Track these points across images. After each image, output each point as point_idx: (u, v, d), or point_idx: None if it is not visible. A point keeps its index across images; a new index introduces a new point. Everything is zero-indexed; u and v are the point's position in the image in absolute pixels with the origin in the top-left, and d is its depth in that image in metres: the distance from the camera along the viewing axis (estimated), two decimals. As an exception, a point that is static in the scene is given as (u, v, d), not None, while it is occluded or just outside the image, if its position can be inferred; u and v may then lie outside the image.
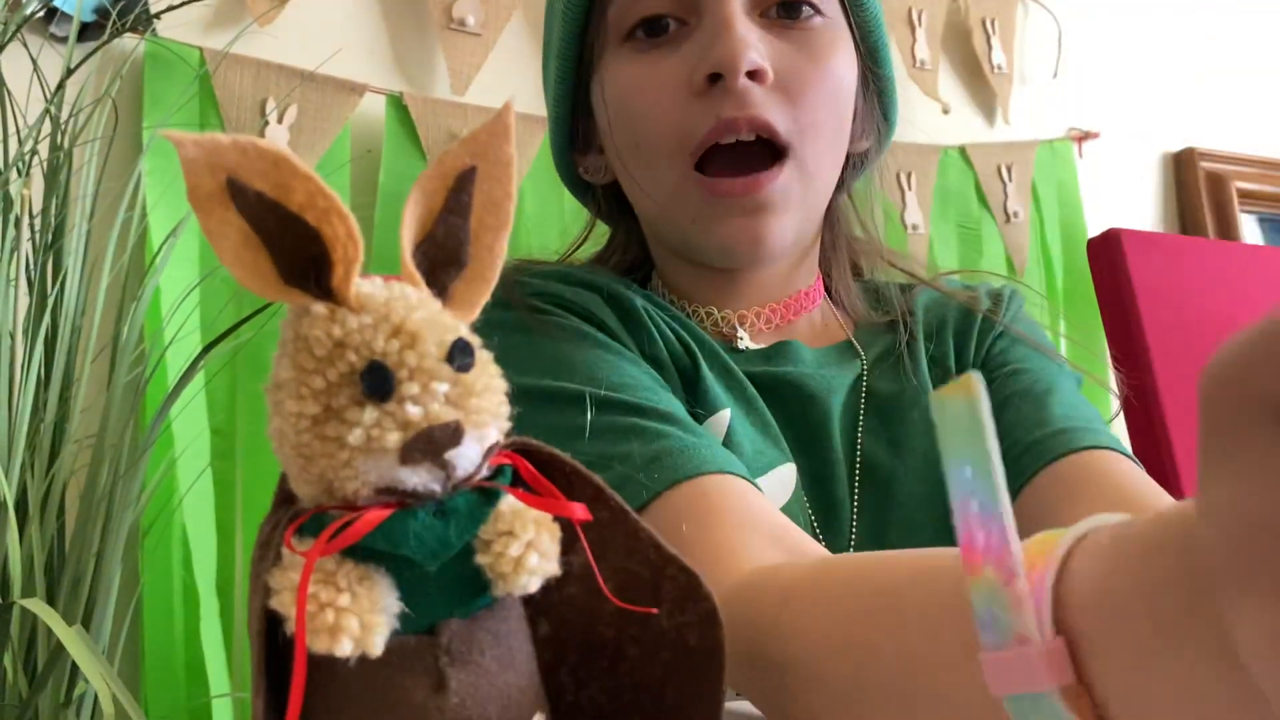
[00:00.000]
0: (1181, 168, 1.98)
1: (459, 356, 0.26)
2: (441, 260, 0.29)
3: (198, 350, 0.91)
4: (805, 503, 0.64)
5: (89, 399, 0.93)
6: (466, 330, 0.28)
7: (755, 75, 0.60)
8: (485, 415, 0.27)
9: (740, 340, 0.68)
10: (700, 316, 0.69)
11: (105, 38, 1.04)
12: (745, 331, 0.69)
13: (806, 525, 0.64)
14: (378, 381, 0.25)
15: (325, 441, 0.26)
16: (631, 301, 0.65)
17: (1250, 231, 1.96)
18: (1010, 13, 1.81)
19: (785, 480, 0.64)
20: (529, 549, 0.27)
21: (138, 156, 1.05)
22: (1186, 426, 1.15)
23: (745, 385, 0.65)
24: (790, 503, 0.63)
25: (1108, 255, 1.21)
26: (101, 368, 0.95)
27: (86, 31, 1.11)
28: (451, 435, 0.26)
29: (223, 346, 0.87)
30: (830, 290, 0.74)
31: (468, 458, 0.27)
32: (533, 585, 0.28)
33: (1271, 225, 2.00)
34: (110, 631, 0.88)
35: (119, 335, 0.93)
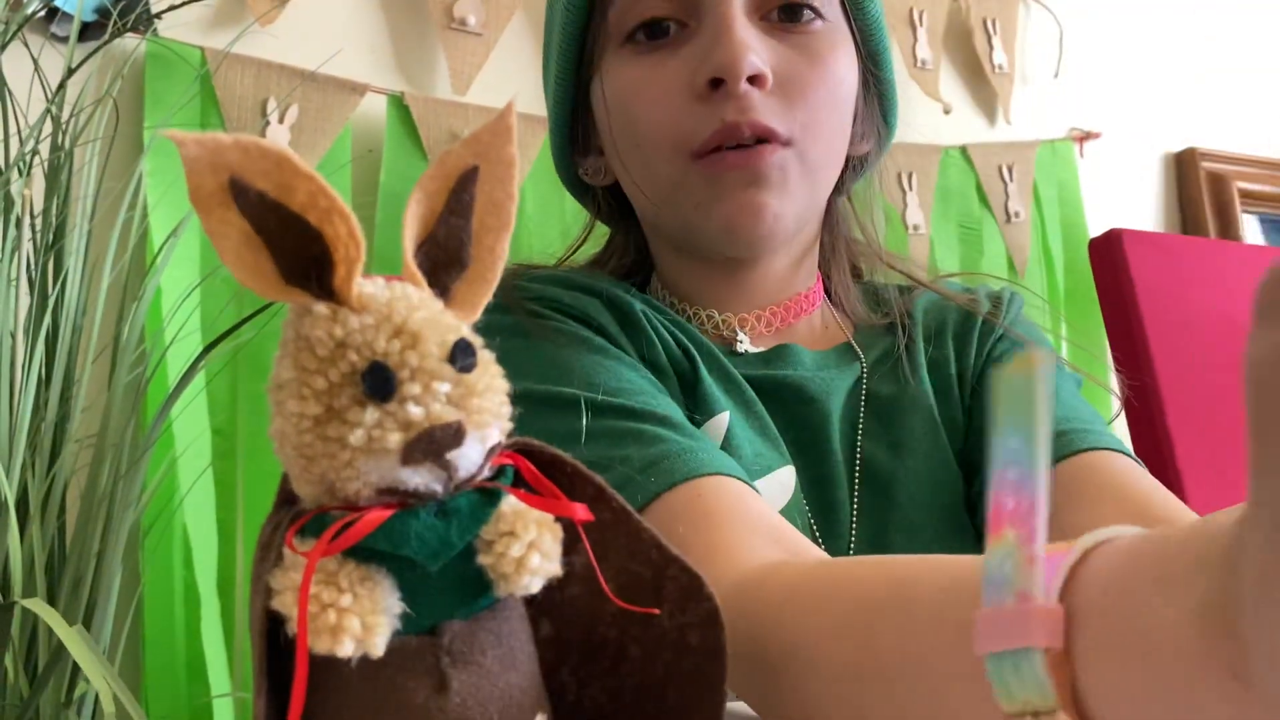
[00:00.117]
0: (1183, 168, 1.97)
1: (461, 357, 0.26)
2: (443, 261, 0.29)
3: (198, 350, 0.91)
4: (804, 505, 0.64)
5: (90, 399, 0.93)
6: (468, 331, 0.27)
7: (756, 80, 0.60)
8: (487, 415, 0.27)
9: (740, 343, 0.68)
10: (700, 319, 0.69)
11: (106, 37, 1.04)
12: (745, 334, 0.69)
13: (806, 528, 0.64)
14: (379, 382, 0.25)
15: (327, 442, 0.26)
16: (630, 306, 0.65)
17: (1252, 231, 1.96)
18: (1011, 13, 1.81)
19: (785, 483, 0.64)
20: (531, 549, 0.27)
21: (139, 156, 1.05)
22: (1188, 425, 1.15)
23: (744, 388, 0.65)
24: (789, 505, 0.63)
25: (1109, 255, 1.21)
26: (102, 368, 0.95)
27: (87, 31, 1.11)
28: (453, 436, 0.26)
29: (223, 346, 0.87)
30: (830, 292, 0.74)
31: (469, 458, 0.27)
32: (534, 586, 0.28)
33: (1273, 225, 2.00)
34: (111, 631, 0.88)
35: (120, 335, 0.93)
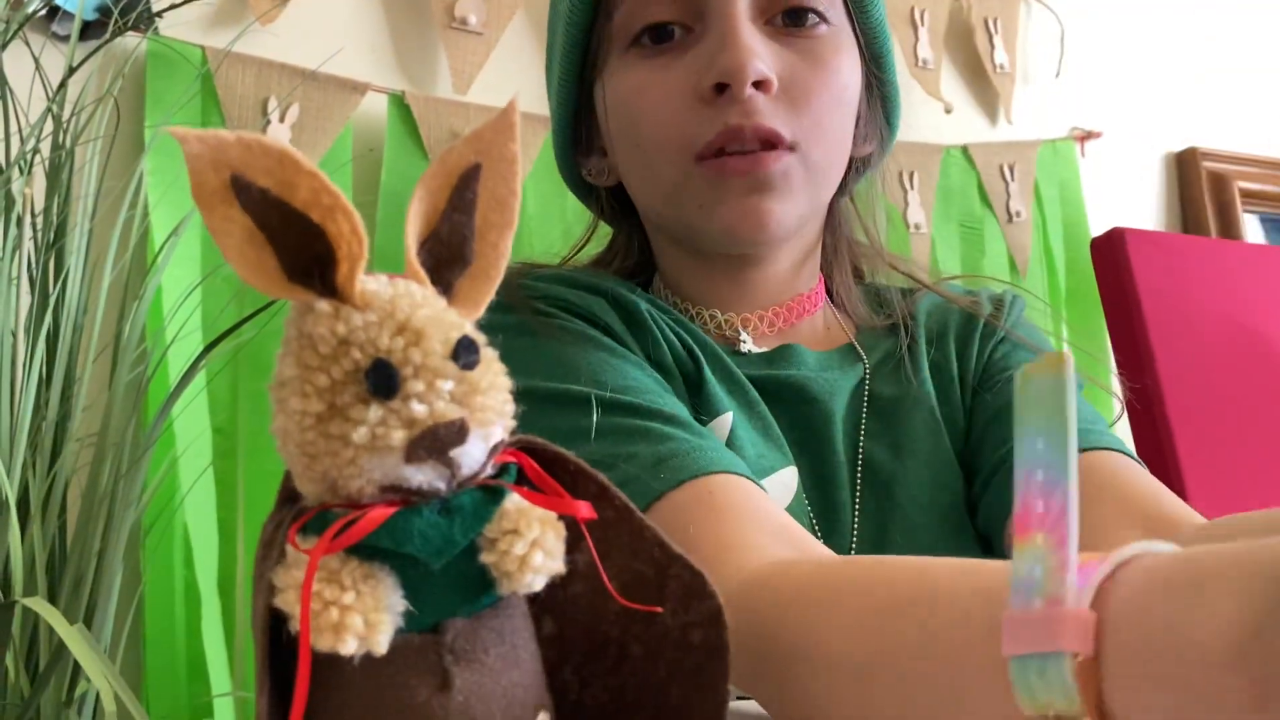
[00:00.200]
0: (1184, 167, 1.97)
1: (464, 354, 0.26)
2: (446, 258, 0.29)
3: (199, 349, 0.91)
4: (807, 505, 0.64)
5: (91, 398, 0.93)
6: (471, 328, 0.27)
7: (761, 85, 0.60)
8: (490, 413, 0.27)
9: (743, 343, 0.68)
10: (703, 319, 0.69)
11: (107, 36, 1.04)
12: (748, 334, 0.69)
13: (808, 528, 0.64)
14: (382, 379, 0.25)
15: (329, 439, 0.26)
16: (635, 305, 0.65)
17: (1253, 231, 1.96)
18: (1013, 12, 1.81)
19: (787, 483, 0.64)
20: (534, 547, 0.27)
21: (139, 155, 1.04)
22: (1189, 423, 1.15)
23: (748, 388, 0.65)
24: (792, 506, 0.63)
25: (1111, 255, 1.21)
26: (103, 367, 0.95)
27: (88, 30, 1.11)
28: (456, 433, 0.26)
29: (224, 345, 0.87)
30: (832, 293, 0.74)
31: (472, 456, 0.27)
32: (537, 584, 0.28)
33: (1274, 225, 2.00)
34: (112, 630, 0.88)
35: (121, 334, 0.92)
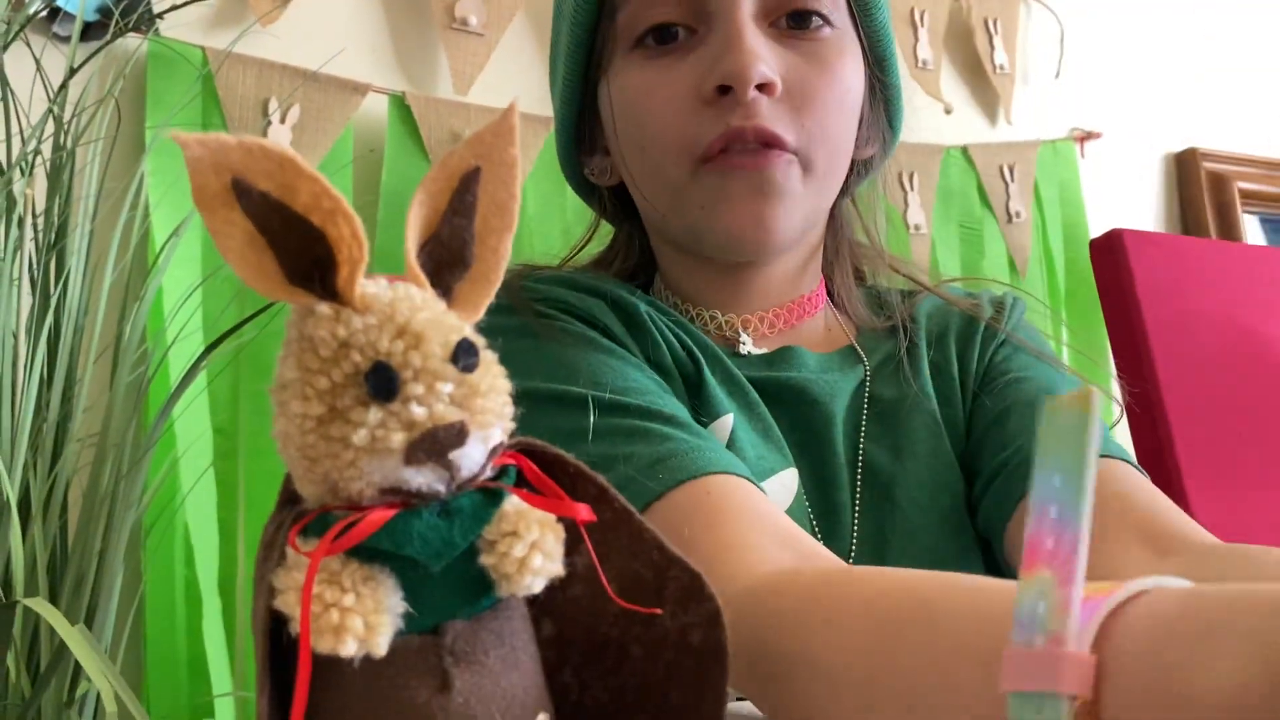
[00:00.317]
0: (1184, 168, 1.97)
1: (463, 357, 0.26)
2: (446, 261, 0.29)
3: (200, 350, 0.92)
4: (807, 507, 0.64)
5: (91, 399, 0.93)
6: (471, 331, 0.28)
7: (764, 88, 0.61)
8: (490, 416, 0.27)
9: (743, 345, 0.68)
10: (704, 320, 0.69)
11: (108, 37, 1.04)
12: (748, 336, 0.69)
13: (808, 530, 0.64)
14: (382, 382, 0.25)
15: (330, 442, 0.26)
16: (635, 307, 0.65)
17: (1252, 232, 1.96)
18: (1012, 13, 1.81)
19: (787, 485, 0.64)
20: (533, 549, 0.27)
21: (140, 156, 1.05)
22: (1189, 424, 1.15)
23: (748, 390, 0.65)
24: (792, 507, 0.63)
25: (1110, 255, 1.21)
26: (104, 367, 0.95)
27: (89, 31, 1.11)
28: (456, 436, 0.26)
29: (225, 346, 0.87)
30: (833, 295, 0.74)
31: (472, 458, 0.27)
32: (537, 586, 0.28)
33: (1273, 226, 2.00)
34: (113, 631, 0.88)
35: (121, 335, 0.93)
